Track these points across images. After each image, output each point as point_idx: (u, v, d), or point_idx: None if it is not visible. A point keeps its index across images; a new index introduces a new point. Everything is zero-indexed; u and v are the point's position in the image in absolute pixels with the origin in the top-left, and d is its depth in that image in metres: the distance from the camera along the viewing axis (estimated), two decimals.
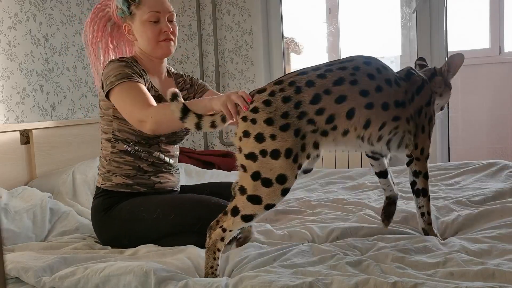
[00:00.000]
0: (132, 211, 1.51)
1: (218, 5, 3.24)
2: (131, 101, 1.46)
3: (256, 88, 1.26)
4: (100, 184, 1.61)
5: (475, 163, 2.21)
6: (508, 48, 3.73)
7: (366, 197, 1.89)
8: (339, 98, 1.15)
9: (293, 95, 1.12)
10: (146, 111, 1.43)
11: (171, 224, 1.45)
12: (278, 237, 1.44)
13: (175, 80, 1.76)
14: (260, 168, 1.09)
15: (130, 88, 1.48)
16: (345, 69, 1.19)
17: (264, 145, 1.08)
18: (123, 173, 1.59)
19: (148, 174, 1.61)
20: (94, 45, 1.68)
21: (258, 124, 1.09)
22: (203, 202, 1.48)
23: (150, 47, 1.60)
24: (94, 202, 1.62)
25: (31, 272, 1.22)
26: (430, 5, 2.78)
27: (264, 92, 1.15)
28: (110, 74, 1.52)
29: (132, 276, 1.13)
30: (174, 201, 1.52)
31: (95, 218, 1.59)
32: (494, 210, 1.50)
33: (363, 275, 1.08)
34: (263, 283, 1.05)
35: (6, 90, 2.20)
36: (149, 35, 1.58)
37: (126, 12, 1.59)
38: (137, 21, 1.59)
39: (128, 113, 1.48)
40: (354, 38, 3.54)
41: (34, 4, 2.35)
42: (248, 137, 1.09)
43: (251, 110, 1.11)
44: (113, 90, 1.50)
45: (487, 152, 3.83)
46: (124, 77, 1.50)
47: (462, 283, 1.01)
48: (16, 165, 2.12)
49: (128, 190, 1.59)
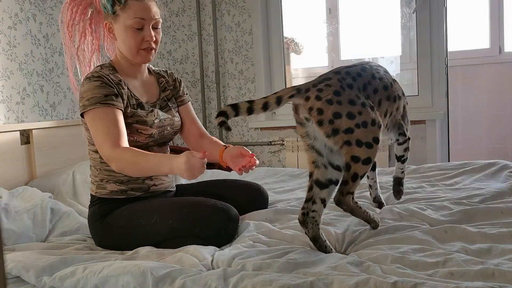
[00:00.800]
0: (129, 218, 1.49)
1: (218, 5, 3.24)
2: (103, 133, 1.46)
3: (255, 88, 1.27)
4: (95, 192, 1.59)
5: (475, 163, 2.21)
6: (508, 48, 3.73)
7: (366, 197, 1.88)
8: (374, 90, 1.41)
9: (353, 83, 1.35)
10: (113, 151, 1.44)
11: (170, 229, 1.44)
12: (279, 236, 1.44)
13: (156, 80, 1.72)
14: (360, 137, 1.28)
15: (103, 116, 1.47)
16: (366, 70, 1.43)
17: (356, 120, 1.28)
18: (116, 180, 1.56)
19: (141, 178, 1.59)
20: (71, 27, 1.63)
21: (344, 106, 1.29)
22: (201, 205, 1.47)
23: (130, 53, 1.57)
24: (90, 210, 1.59)
25: (32, 272, 1.22)
26: (430, 5, 2.78)
27: (330, 81, 1.33)
28: (84, 96, 1.50)
29: (130, 276, 1.13)
30: (171, 205, 1.50)
31: (93, 226, 1.57)
32: (494, 208, 1.51)
33: (363, 275, 1.08)
34: (264, 282, 1.05)
35: (6, 90, 2.20)
36: (131, 43, 1.54)
37: (109, 10, 1.54)
38: (121, 24, 1.54)
39: (98, 145, 1.49)
40: (354, 38, 3.54)
41: (34, 4, 2.35)
42: (341, 118, 1.27)
43: (334, 93, 1.29)
44: (86, 113, 1.50)
45: (487, 152, 3.83)
46: (97, 102, 1.48)
47: (462, 283, 1.01)
48: (16, 165, 2.12)
49: (124, 196, 1.57)
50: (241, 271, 1.14)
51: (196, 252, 1.30)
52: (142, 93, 1.64)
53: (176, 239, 1.42)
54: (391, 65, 3.36)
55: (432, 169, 2.24)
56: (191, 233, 1.42)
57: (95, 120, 1.48)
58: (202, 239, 1.40)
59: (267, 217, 1.62)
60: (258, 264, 1.18)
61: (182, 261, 1.25)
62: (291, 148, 3.06)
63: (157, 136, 1.63)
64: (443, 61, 2.77)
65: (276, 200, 1.89)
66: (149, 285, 1.10)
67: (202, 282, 1.08)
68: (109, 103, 1.48)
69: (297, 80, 3.71)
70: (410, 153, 1.69)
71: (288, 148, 3.07)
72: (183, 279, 1.10)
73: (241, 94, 3.23)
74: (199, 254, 1.29)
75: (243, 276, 1.10)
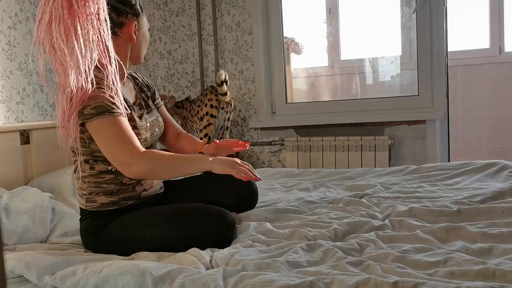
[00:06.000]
0: (123, 234, 1.44)
1: (218, 5, 3.24)
2: (118, 139, 1.37)
3: (255, 88, 1.27)
4: (85, 206, 1.51)
5: (475, 163, 2.21)
6: (508, 48, 3.73)
7: (366, 197, 1.88)
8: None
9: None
10: (135, 156, 1.37)
11: (165, 243, 1.40)
12: (279, 236, 1.44)
13: (133, 81, 1.70)
14: None
15: (112, 123, 1.38)
16: None
17: None
18: (106, 191, 1.50)
19: (132, 185, 1.54)
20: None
21: None
22: (196, 216, 1.42)
23: (140, 55, 1.63)
24: (82, 225, 1.53)
25: (34, 270, 1.22)
26: (430, 5, 2.78)
27: None
28: (88, 104, 1.37)
29: (130, 276, 1.12)
30: (164, 218, 1.45)
31: (86, 242, 1.52)
32: (495, 208, 1.50)
33: (363, 275, 1.08)
34: (263, 282, 1.05)
35: (6, 90, 2.20)
36: (147, 44, 1.65)
37: (138, 11, 1.56)
38: (143, 26, 1.61)
39: (112, 151, 1.39)
40: (354, 38, 3.54)
41: (34, 4, 2.35)
42: None
43: None
44: (91, 122, 1.38)
45: (487, 152, 3.84)
46: (105, 111, 1.37)
47: (462, 282, 1.01)
48: (16, 165, 2.12)
49: (115, 207, 1.51)
50: (241, 271, 1.14)
51: (195, 252, 1.30)
52: (127, 94, 1.60)
53: (173, 250, 1.38)
54: (391, 65, 3.36)
55: (432, 169, 2.24)
56: (188, 245, 1.37)
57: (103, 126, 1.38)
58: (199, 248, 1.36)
59: (267, 217, 1.62)
60: (258, 264, 1.18)
61: (181, 261, 1.25)
62: (291, 148, 3.06)
63: (149, 140, 1.61)
64: (443, 61, 2.77)
65: (276, 200, 1.89)
66: (148, 285, 1.10)
67: (201, 282, 1.08)
68: (116, 113, 1.41)
69: (297, 80, 3.71)
70: (410, 153, 1.67)
71: (288, 148, 3.07)
72: (182, 279, 1.10)
73: (241, 94, 3.23)
74: (198, 253, 1.29)
75: (242, 276, 1.10)
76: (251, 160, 3.27)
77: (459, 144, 3.90)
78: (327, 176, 2.35)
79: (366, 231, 1.44)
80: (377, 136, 2.86)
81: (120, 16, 1.51)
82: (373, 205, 1.72)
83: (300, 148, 3.04)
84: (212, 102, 2.69)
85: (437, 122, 2.81)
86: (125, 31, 1.53)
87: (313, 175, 2.40)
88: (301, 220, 1.58)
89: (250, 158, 3.27)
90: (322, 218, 1.58)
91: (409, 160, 2.85)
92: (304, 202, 1.79)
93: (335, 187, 2.10)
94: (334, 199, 1.83)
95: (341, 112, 3.03)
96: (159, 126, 1.69)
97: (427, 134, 2.82)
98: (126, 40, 1.54)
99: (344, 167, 2.91)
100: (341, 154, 2.93)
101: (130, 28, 1.54)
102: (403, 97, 2.98)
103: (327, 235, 1.40)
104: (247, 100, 3.23)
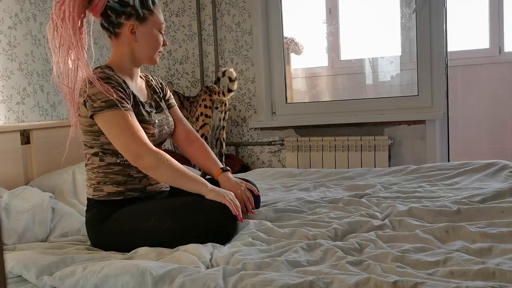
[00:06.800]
0: (127, 222, 1.49)
1: (218, 5, 3.24)
2: (129, 131, 1.47)
3: (255, 88, 1.27)
4: (92, 195, 1.58)
5: (475, 163, 2.21)
6: (507, 48, 3.73)
7: (366, 197, 1.88)
8: None
9: None
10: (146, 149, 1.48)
11: (168, 231, 1.44)
12: (279, 235, 1.44)
13: (146, 82, 1.76)
14: None
15: (123, 117, 1.48)
16: None
17: None
18: (113, 182, 1.56)
19: (138, 178, 1.60)
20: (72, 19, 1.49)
21: None
22: (198, 206, 1.47)
23: (149, 55, 1.63)
24: (88, 215, 1.58)
25: (33, 270, 1.22)
26: (430, 5, 2.78)
27: None
28: (98, 98, 1.48)
29: (129, 276, 1.12)
30: (168, 207, 1.50)
31: (91, 231, 1.56)
32: (495, 208, 1.51)
33: (363, 274, 1.08)
34: (264, 282, 1.05)
35: (6, 90, 2.20)
36: (156, 46, 1.63)
37: (138, 12, 1.56)
38: (149, 27, 1.60)
39: (123, 141, 1.48)
40: (354, 38, 3.55)
41: (34, 4, 2.35)
42: None
43: None
44: (102, 113, 1.48)
45: (487, 152, 3.84)
46: (115, 104, 1.47)
47: (462, 282, 1.01)
48: (16, 165, 2.12)
49: (121, 197, 1.57)
50: (241, 271, 1.14)
51: (194, 251, 1.30)
52: (138, 93, 1.66)
53: (174, 240, 1.42)
54: (391, 65, 3.36)
55: (432, 169, 2.24)
56: (190, 234, 1.43)
57: (115, 119, 1.47)
58: (200, 239, 1.40)
59: (267, 216, 1.62)
60: (258, 263, 1.18)
61: (181, 260, 1.25)
62: (291, 148, 3.06)
63: (157, 136, 1.65)
64: (443, 61, 2.77)
65: (276, 200, 1.89)
66: (148, 284, 1.10)
67: (201, 281, 1.08)
68: (126, 108, 1.50)
69: (297, 80, 3.71)
70: (410, 153, 1.68)
71: (288, 148, 3.07)
72: (182, 279, 1.10)
73: (241, 94, 3.23)
74: (198, 252, 1.29)
75: (242, 275, 1.10)
76: (251, 160, 3.27)
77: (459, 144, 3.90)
78: (327, 176, 2.35)
79: (366, 231, 1.44)
80: (377, 136, 2.87)
81: (118, 17, 1.57)
82: (373, 205, 1.72)
83: (300, 148, 3.04)
84: (206, 102, 2.70)
85: (437, 122, 2.81)
86: (124, 31, 1.59)
87: (313, 175, 2.40)
88: (301, 220, 1.59)
89: (250, 158, 3.27)
90: (322, 218, 1.59)
91: (409, 160, 2.85)
92: (304, 202, 1.79)
93: (335, 187, 2.10)
94: (334, 199, 1.83)
95: (341, 112, 3.03)
96: (169, 125, 1.73)
97: (427, 134, 2.82)
98: (126, 40, 1.60)
99: (344, 167, 2.92)
100: (341, 154, 2.94)
101: (129, 28, 1.58)
102: (403, 97, 2.98)
103: (327, 235, 1.41)
104: (247, 100, 3.23)
